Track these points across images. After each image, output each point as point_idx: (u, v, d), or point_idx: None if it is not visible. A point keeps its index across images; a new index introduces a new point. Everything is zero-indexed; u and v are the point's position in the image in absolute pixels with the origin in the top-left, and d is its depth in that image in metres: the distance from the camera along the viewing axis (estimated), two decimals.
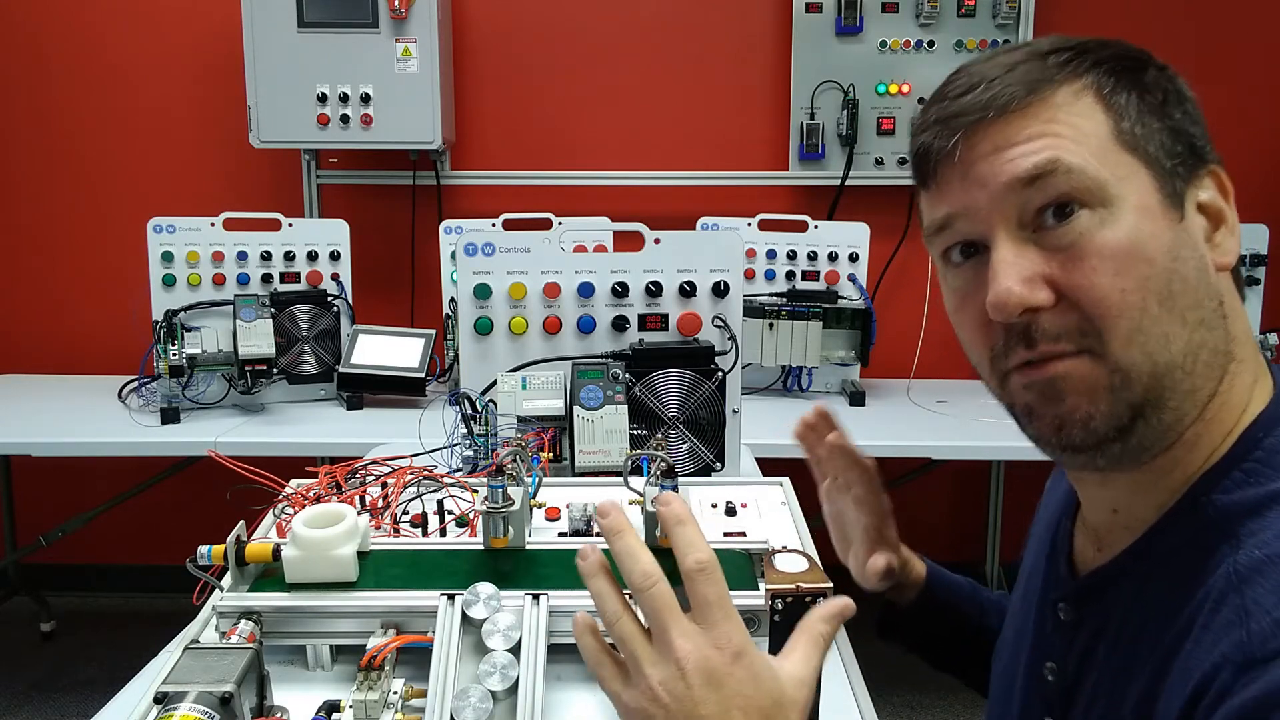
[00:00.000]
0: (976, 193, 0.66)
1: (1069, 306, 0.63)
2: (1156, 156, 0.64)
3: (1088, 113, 0.64)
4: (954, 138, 0.66)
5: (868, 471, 0.95)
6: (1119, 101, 0.64)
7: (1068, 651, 0.74)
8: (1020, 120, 0.64)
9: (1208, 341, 0.63)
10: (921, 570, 1.02)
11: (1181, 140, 0.65)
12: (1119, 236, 0.62)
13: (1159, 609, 0.65)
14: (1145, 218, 0.63)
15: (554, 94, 3.06)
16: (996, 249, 0.65)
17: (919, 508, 3.19)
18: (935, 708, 2.63)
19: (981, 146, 0.65)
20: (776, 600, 0.70)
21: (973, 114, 0.65)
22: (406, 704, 0.78)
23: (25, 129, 3.05)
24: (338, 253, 2.57)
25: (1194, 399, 0.64)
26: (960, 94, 0.66)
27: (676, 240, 1.60)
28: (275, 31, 2.68)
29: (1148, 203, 0.63)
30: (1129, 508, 0.70)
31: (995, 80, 0.65)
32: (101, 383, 2.65)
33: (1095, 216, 0.62)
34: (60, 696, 2.70)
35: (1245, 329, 0.67)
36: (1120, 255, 0.62)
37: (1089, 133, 0.63)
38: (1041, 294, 0.63)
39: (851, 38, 2.93)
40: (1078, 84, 0.64)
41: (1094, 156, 0.63)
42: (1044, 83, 0.64)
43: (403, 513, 1.16)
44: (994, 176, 0.64)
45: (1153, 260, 0.62)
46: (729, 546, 0.94)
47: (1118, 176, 0.63)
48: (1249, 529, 0.60)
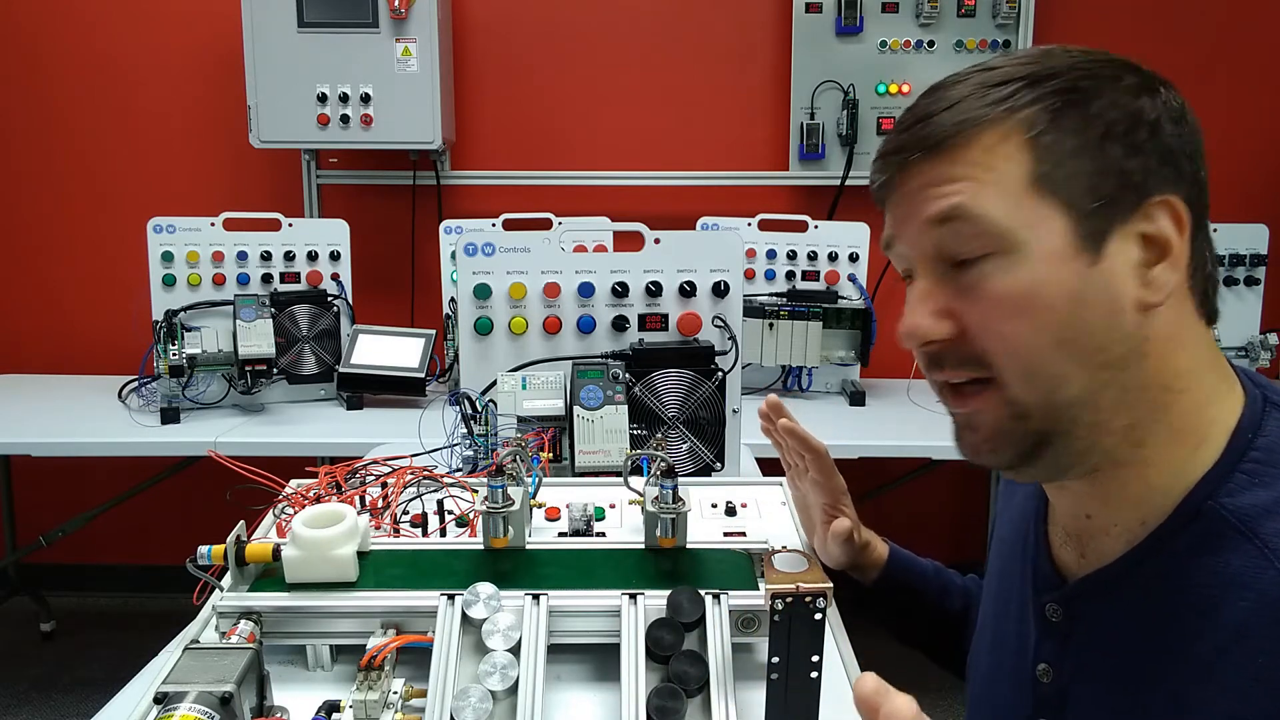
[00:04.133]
0: (905, 226, 0.71)
1: (967, 341, 0.67)
2: (1077, 199, 0.64)
3: (1011, 155, 0.65)
4: (889, 172, 0.71)
5: (820, 455, 1.02)
6: (1045, 142, 0.64)
7: (1061, 653, 0.75)
8: (943, 162, 0.67)
9: (1116, 380, 0.65)
10: (884, 552, 1.08)
11: (1115, 178, 0.64)
12: (1019, 284, 0.65)
13: (1172, 612, 0.65)
14: (1050, 264, 0.64)
15: (554, 94, 3.06)
16: (914, 282, 0.71)
17: (919, 508, 3.19)
18: (935, 708, 2.61)
19: (910, 184, 0.69)
20: (776, 600, 0.70)
21: (909, 150, 0.68)
22: (406, 704, 0.78)
23: (25, 129, 3.05)
24: (338, 253, 2.57)
25: (1107, 429, 0.66)
26: (906, 126, 0.70)
27: (676, 240, 1.60)
28: (275, 31, 2.68)
29: (1057, 248, 0.64)
30: (1101, 514, 0.72)
31: (933, 118, 0.67)
32: (101, 383, 2.65)
33: (997, 263, 0.65)
34: (60, 696, 2.70)
35: (1194, 358, 0.68)
36: (1016, 302, 0.65)
37: (1006, 176, 0.65)
38: (944, 327, 0.68)
39: (851, 38, 2.93)
40: (1008, 123, 0.65)
41: (1005, 202, 0.64)
42: (974, 122, 0.66)
43: (403, 513, 1.16)
44: (915, 215, 0.69)
45: (1052, 306, 0.64)
46: (729, 546, 0.94)
47: (1027, 223, 0.64)
48: (1271, 530, 0.62)
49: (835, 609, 0.99)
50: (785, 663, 0.71)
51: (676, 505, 0.93)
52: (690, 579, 0.87)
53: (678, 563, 0.91)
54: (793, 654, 0.71)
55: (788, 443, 1.04)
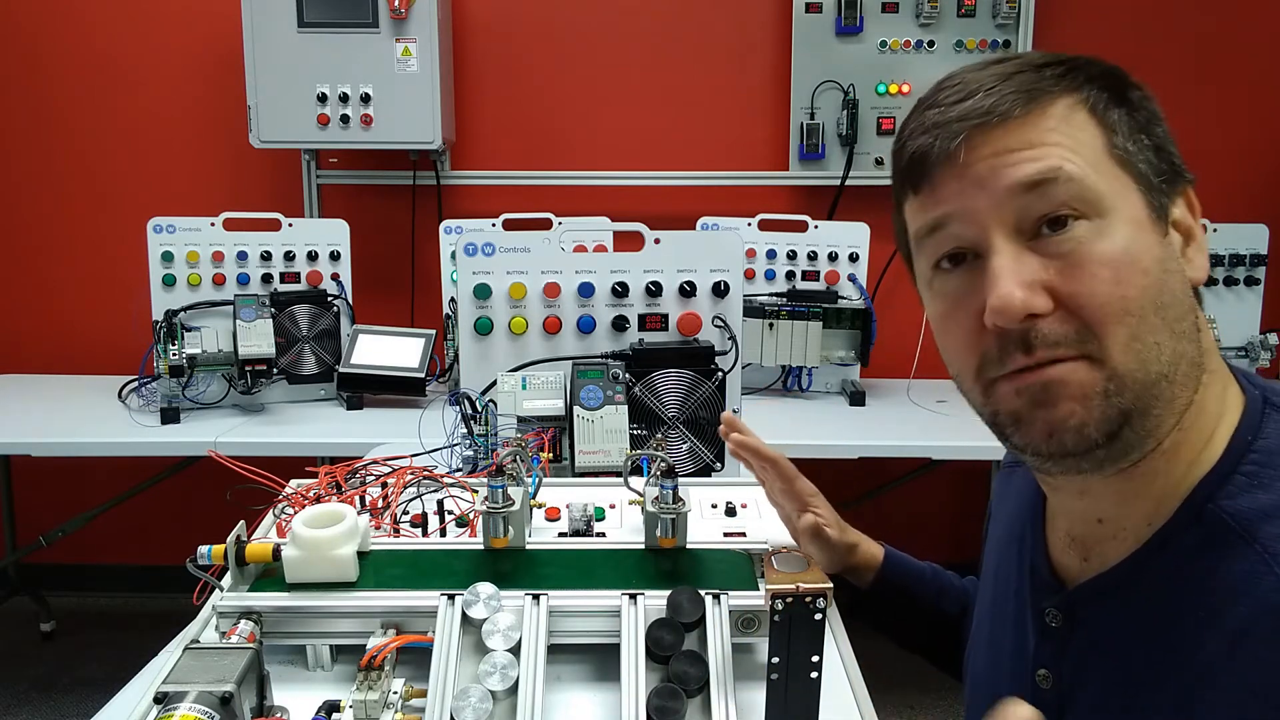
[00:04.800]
0: (976, 195, 0.65)
1: (1067, 314, 0.63)
2: (1145, 173, 0.66)
3: (1083, 126, 0.65)
4: (955, 140, 0.65)
5: (777, 463, 0.99)
6: (1111, 118, 0.66)
7: (1061, 659, 0.75)
8: (1020, 128, 0.64)
9: (1187, 353, 0.65)
10: (878, 554, 1.07)
11: (1164, 158, 0.67)
12: (1116, 246, 0.63)
13: (1174, 618, 0.65)
14: (1138, 230, 0.64)
15: (554, 94, 3.06)
16: (996, 254, 0.65)
17: (919, 508, 3.19)
18: (935, 708, 2.63)
19: (982, 150, 0.65)
20: (776, 600, 0.70)
21: (974, 118, 0.65)
22: (406, 704, 0.78)
23: (25, 129, 3.05)
24: (338, 253, 2.57)
25: (1173, 408, 0.65)
26: (957, 100, 0.66)
27: (676, 240, 1.60)
28: (275, 31, 2.68)
29: (1139, 216, 0.65)
30: (1116, 518, 0.70)
31: (993, 89, 0.65)
32: (101, 383, 2.65)
33: (1092, 226, 0.63)
34: (60, 696, 2.70)
35: (1212, 341, 0.69)
36: (1118, 264, 0.63)
37: (1085, 145, 0.64)
38: (1041, 300, 0.63)
39: (851, 38, 2.93)
40: (1073, 98, 0.65)
41: (1091, 168, 0.64)
42: (1042, 93, 0.65)
43: (403, 513, 1.16)
44: (995, 180, 0.65)
45: (1147, 270, 0.63)
46: (729, 546, 0.94)
47: (1113, 190, 0.64)
48: (1271, 534, 0.61)
49: (835, 609, 0.99)
50: (785, 663, 0.71)
51: (676, 505, 0.93)
52: (690, 579, 0.87)
53: (678, 563, 0.91)
54: (793, 654, 0.71)
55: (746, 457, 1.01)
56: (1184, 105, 2.95)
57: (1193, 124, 2.96)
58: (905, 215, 0.74)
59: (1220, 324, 2.57)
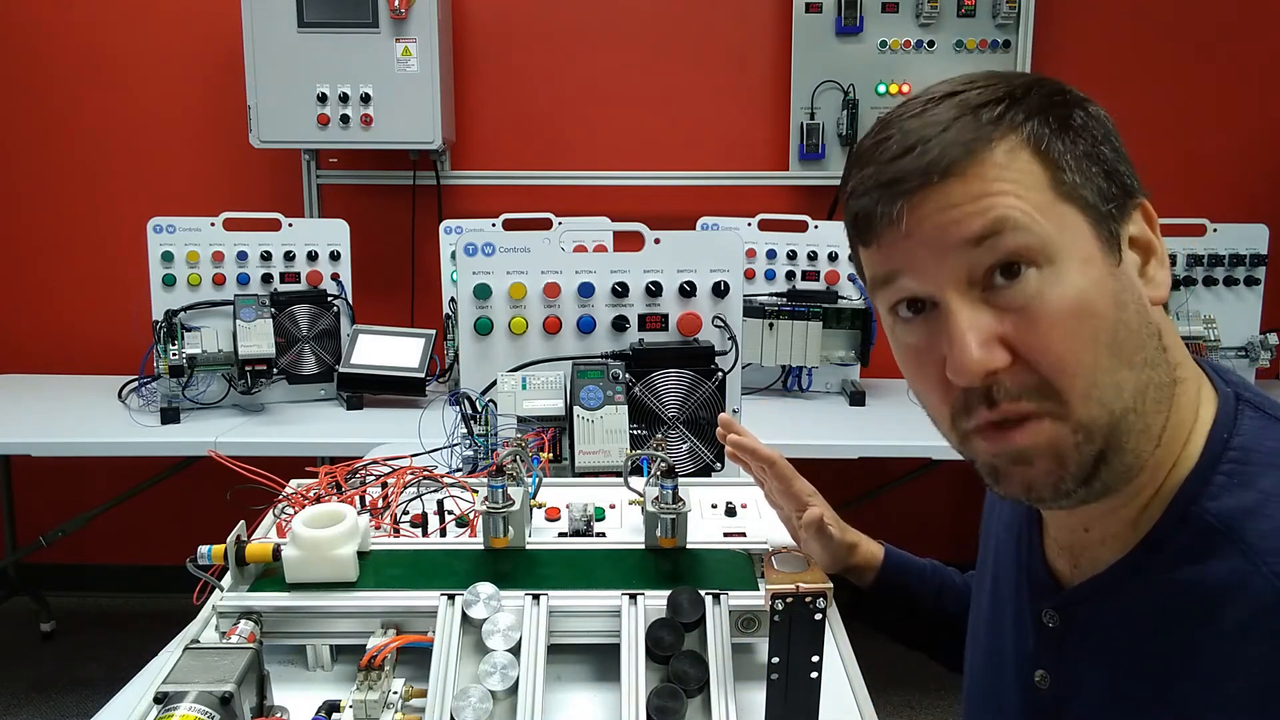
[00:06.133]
0: (923, 253, 0.65)
1: (1026, 366, 0.63)
2: (1093, 203, 0.64)
3: (1026, 168, 0.63)
4: (897, 204, 0.64)
5: (775, 463, 0.99)
6: (1055, 151, 0.64)
7: (1058, 660, 0.75)
8: (962, 183, 0.63)
9: (1153, 379, 0.65)
10: (878, 553, 1.07)
11: (1115, 180, 0.65)
12: (1068, 294, 0.62)
13: (1169, 619, 0.65)
14: (1088, 269, 0.63)
15: (554, 94, 3.06)
16: (952, 312, 0.64)
17: (919, 508, 3.19)
18: (935, 708, 2.63)
19: (924, 209, 0.64)
20: (776, 600, 0.70)
21: (914, 179, 0.64)
22: (406, 704, 0.78)
23: (25, 129, 3.05)
24: (338, 253, 2.57)
25: (1148, 435, 0.65)
26: (896, 156, 0.65)
27: (676, 240, 1.60)
28: (275, 31, 2.68)
29: (1089, 252, 0.63)
30: (1101, 526, 0.71)
31: (931, 141, 0.63)
32: (101, 383, 2.65)
33: (1042, 275, 0.62)
34: (60, 696, 2.70)
35: (1181, 348, 0.69)
36: (1071, 314, 0.62)
37: (1030, 188, 0.63)
38: (999, 355, 0.63)
39: (851, 38, 2.93)
40: (1013, 138, 0.63)
41: (1037, 211, 0.62)
42: (980, 141, 0.63)
43: (403, 513, 1.16)
44: (942, 239, 0.63)
45: (1100, 314, 0.63)
46: (729, 547, 0.94)
47: (1060, 230, 0.63)
48: (1254, 531, 0.62)
49: (835, 609, 0.99)
50: (785, 663, 0.71)
51: (676, 505, 0.93)
52: (690, 579, 0.87)
53: (678, 563, 0.91)
54: (793, 654, 0.71)
55: (744, 458, 1.02)
56: (1184, 105, 2.95)
57: (1193, 123, 2.97)
58: (860, 260, 0.74)
59: (1220, 324, 2.57)
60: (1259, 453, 0.65)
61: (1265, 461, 0.65)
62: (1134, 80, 2.94)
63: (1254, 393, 0.70)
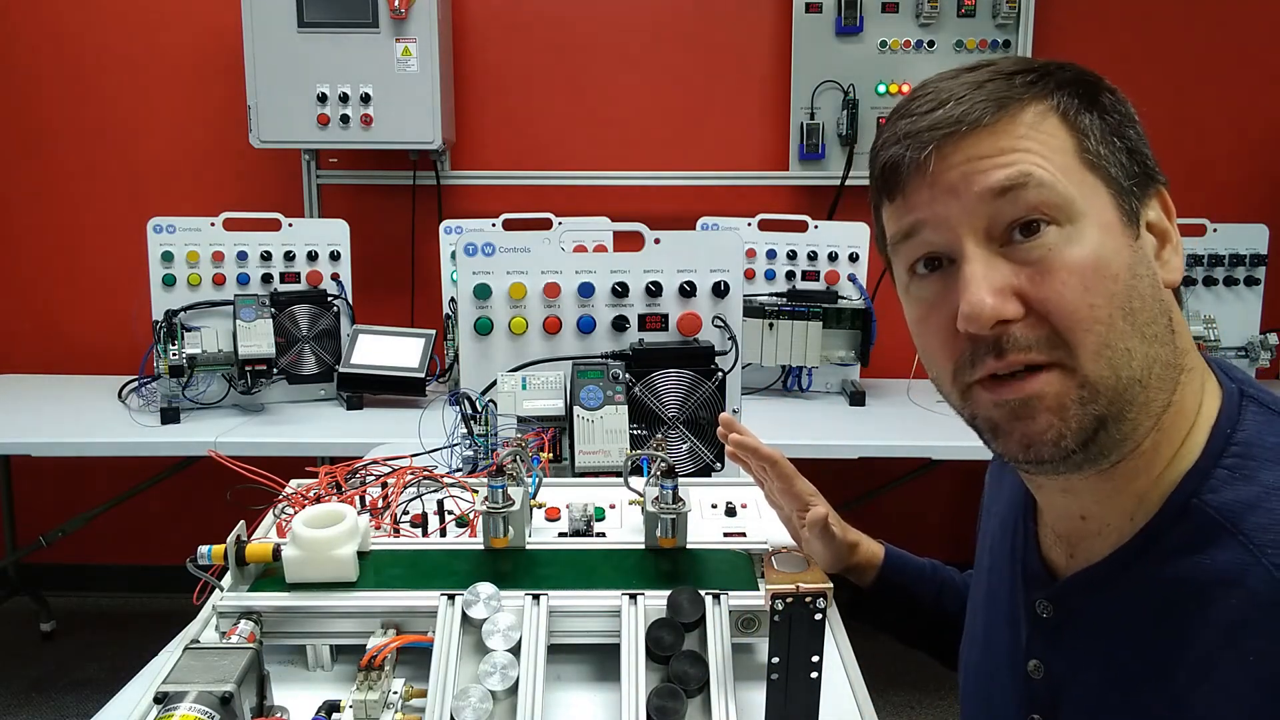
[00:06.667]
0: (947, 203, 0.66)
1: (1038, 319, 0.64)
2: (1116, 176, 0.66)
3: (1054, 132, 0.65)
4: (926, 150, 0.66)
5: (776, 462, 1.00)
6: (1082, 122, 0.66)
7: (1053, 650, 0.75)
8: (991, 136, 0.65)
9: (1161, 356, 0.65)
10: (878, 553, 1.07)
11: (1137, 161, 0.67)
12: (1085, 252, 0.64)
13: (1164, 611, 0.65)
14: (1108, 235, 0.64)
15: (554, 94, 3.06)
16: (967, 261, 0.66)
17: (919, 508, 3.19)
18: (935, 708, 2.63)
19: (953, 158, 0.66)
20: (776, 600, 0.70)
21: (944, 128, 0.66)
22: (406, 704, 0.78)
23: (26, 129, 3.05)
24: (338, 253, 2.57)
25: (1149, 410, 0.66)
26: (929, 109, 0.67)
27: (676, 240, 1.60)
28: (275, 31, 2.68)
29: (1109, 220, 0.65)
30: (1098, 515, 0.71)
31: (964, 98, 0.66)
32: (101, 383, 2.65)
33: (1062, 232, 0.64)
34: (60, 696, 2.70)
35: (1189, 339, 0.70)
36: (1087, 270, 0.63)
37: (1056, 150, 0.65)
38: (1012, 306, 0.64)
39: (851, 38, 2.93)
40: (1044, 104, 0.66)
41: (1061, 174, 0.64)
42: (1012, 100, 0.66)
43: (403, 513, 1.16)
44: (966, 187, 0.65)
45: (1116, 276, 0.64)
46: (729, 547, 0.94)
47: (1081, 194, 0.64)
48: (1255, 524, 0.62)
49: (835, 609, 0.99)
50: (785, 663, 0.71)
51: (676, 505, 0.93)
52: (690, 579, 0.87)
53: (678, 563, 0.91)
54: (793, 654, 0.71)
55: (745, 457, 1.02)
56: (1184, 105, 2.95)
57: (1193, 124, 2.96)
58: (883, 220, 0.75)
59: (1220, 324, 2.57)
60: (1261, 448, 0.65)
61: (1268, 456, 0.65)
62: (1134, 80, 2.90)
63: (1258, 389, 0.70)
